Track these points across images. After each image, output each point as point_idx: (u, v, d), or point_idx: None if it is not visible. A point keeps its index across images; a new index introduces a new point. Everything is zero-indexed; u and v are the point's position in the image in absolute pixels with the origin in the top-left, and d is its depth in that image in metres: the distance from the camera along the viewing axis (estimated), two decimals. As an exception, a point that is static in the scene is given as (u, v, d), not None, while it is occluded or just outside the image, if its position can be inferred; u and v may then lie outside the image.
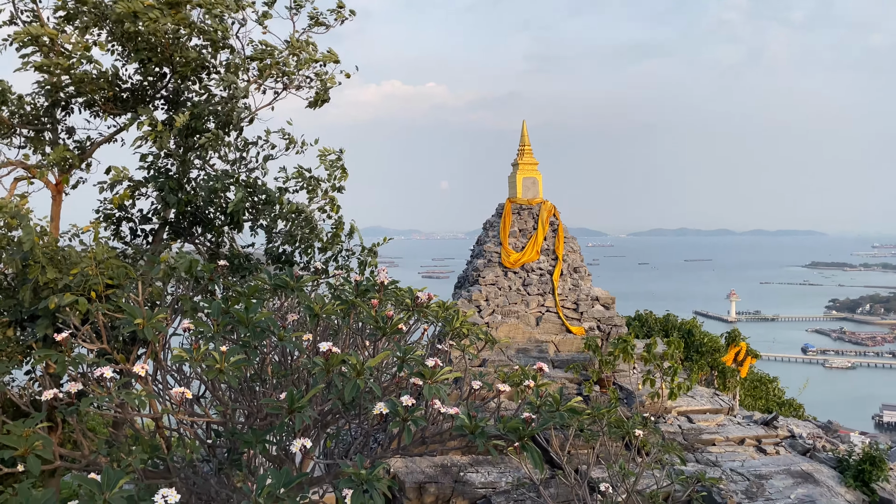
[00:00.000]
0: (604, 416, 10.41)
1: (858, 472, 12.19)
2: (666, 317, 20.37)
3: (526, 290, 15.96)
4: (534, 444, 10.74)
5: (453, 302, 7.75)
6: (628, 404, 13.62)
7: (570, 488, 9.81)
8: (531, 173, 16.80)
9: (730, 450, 13.00)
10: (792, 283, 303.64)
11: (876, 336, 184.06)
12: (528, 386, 6.95)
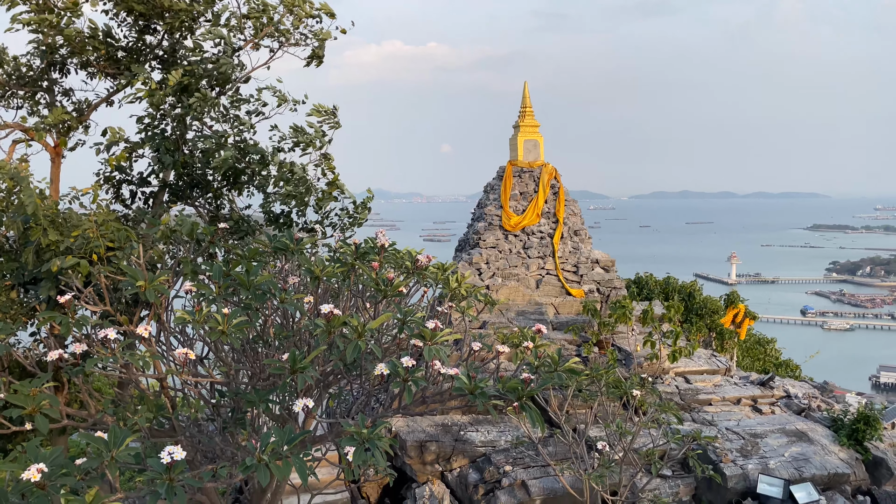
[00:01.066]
0: (602, 377, 10.53)
1: (852, 432, 12.39)
2: (666, 279, 20.46)
3: (526, 252, 16.00)
4: (533, 403, 10.86)
5: (452, 263, 7.79)
6: (626, 365, 13.78)
7: (567, 446, 10.01)
8: (532, 136, 16.68)
9: (726, 409, 13.20)
10: (793, 246, 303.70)
11: (875, 298, 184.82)
12: (527, 347, 7.03)
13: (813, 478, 11.14)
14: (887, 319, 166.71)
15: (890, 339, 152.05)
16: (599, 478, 9.07)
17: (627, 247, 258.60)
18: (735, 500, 10.82)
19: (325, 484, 9.17)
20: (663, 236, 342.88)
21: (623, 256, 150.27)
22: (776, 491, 10.54)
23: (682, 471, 11.43)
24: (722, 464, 11.10)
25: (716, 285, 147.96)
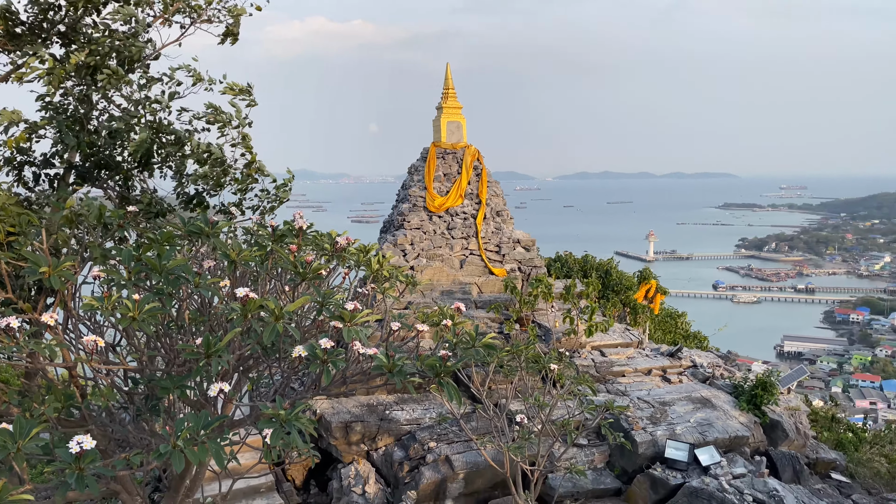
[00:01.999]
0: (522, 353, 10.89)
1: (751, 397, 13.33)
2: (584, 257, 21.18)
3: (450, 233, 16.21)
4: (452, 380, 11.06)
5: (375, 245, 7.85)
6: (546, 341, 14.27)
7: (489, 421, 10.34)
8: (455, 117, 16.82)
9: (638, 380, 13.91)
10: (706, 224, 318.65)
11: (780, 272, 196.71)
12: (446, 325, 7.21)
13: (715, 441, 11.94)
14: (790, 292, 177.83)
15: (793, 310, 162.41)
16: (519, 449, 9.43)
17: (552, 226, 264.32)
18: (645, 464, 11.48)
19: (247, 468, 9.13)
20: (586, 216, 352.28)
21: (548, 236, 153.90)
22: (682, 455, 11.25)
23: (596, 439, 12.01)
24: (633, 431, 11.74)
25: (635, 262, 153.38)
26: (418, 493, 10.85)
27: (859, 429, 17.16)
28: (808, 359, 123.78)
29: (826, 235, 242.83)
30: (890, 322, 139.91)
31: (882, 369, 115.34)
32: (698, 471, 11.16)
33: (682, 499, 10.62)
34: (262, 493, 10.49)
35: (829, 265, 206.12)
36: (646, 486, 11.07)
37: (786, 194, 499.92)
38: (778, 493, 10.59)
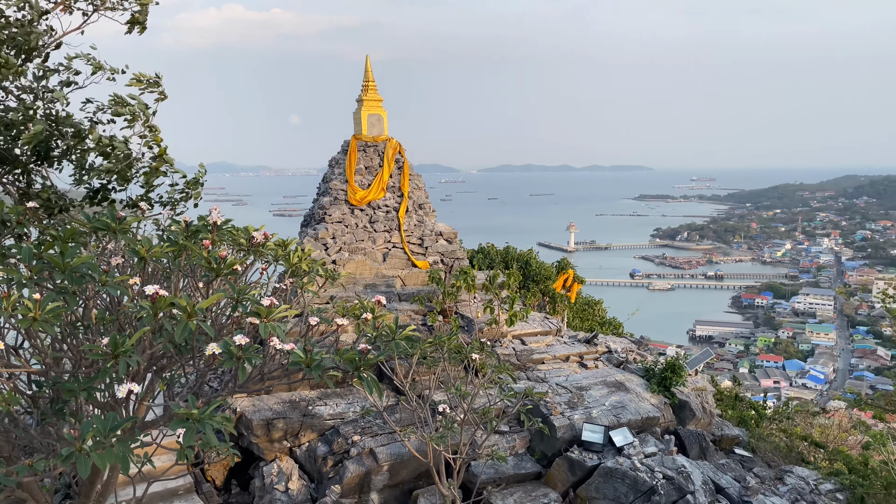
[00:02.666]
0: (445, 344, 11.05)
1: (662, 379, 14.03)
2: (506, 249, 21.60)
3: (372, 226, 16.19)
4: (377, 373, 11.14)
5: (293, 239, 7.81)
6: (468, 331, 14.52)
7: (413, 412, 10.46)
8: (376, 110, 16.78)
9: (556, 367, 14.38)
10: (623, 215, 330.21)
11: (692, 260, 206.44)
12: (366, 319, 7.25)
13: (629, 422, 12.52)
14: (701, 279, 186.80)
15: (704, 296, 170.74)
16: (441, 439, 9.60)
17: (477, 218, 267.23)
18: (564, 447, 11.91)
19: (162, 471, 8.89)
20: (510, 207, 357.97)
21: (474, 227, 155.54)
22: (598, 437, 11.74)
23: (517, 426, 12.36)
24: (552, 416, 12.15)
25: (557, 252, 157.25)
26: (342, 486, 10.86)
27: (760, 406, 18.36)
28: (718, 342, 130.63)
29: (733, 225, 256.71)
30: (791, 305, 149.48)
31: (784, 350, 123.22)
32: (613, 451, 11.68)
33: (598, 479, 11.09)
34: (181, 495, 10.24)
35: (736, 253, 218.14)
36: (564, 468, 11.49)
37: (696, 186, 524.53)
38: (685, 469, 11.23)
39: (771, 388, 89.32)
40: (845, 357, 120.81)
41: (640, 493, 10.68)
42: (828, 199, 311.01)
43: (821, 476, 12.95)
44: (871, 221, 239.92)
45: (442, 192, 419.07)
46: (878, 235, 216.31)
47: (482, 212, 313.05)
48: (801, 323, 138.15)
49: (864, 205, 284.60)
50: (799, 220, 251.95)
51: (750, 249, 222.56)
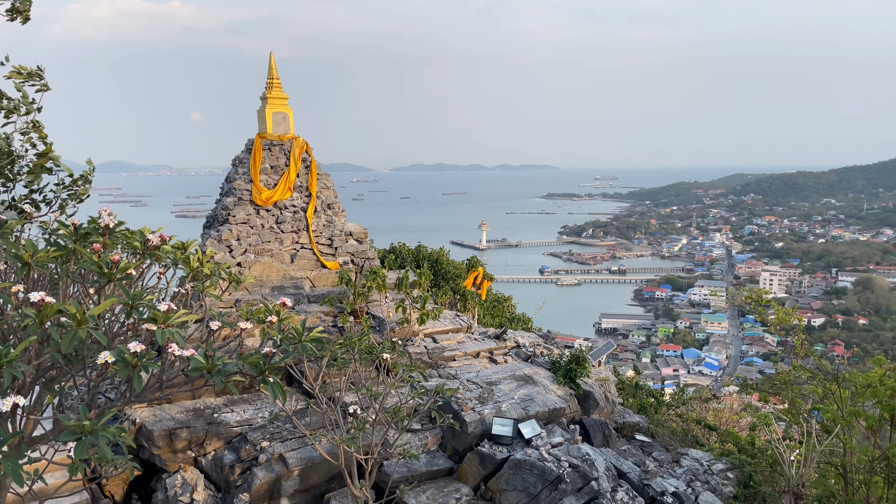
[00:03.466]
0: (355, 345, 11.00)
1: (567, 371, 14.54)
2: (418, 248, 21.72)
3: (279, 227, 15.87)
4: (281, 377, 10.95)
5: (193, 241, 7.56)
6: (380, 331, 14.51)
7: (323, 415, 10.34)
8: (281, 108, 16.44)
9: (467, 363, 14.62)
10: (532, 213, 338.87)
11: (597, 256, 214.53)
12: (271, 322, 7.11)
13: (537, 414, 12.91)
14: (606, 274, 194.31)
15: (608, 290, 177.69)
16: (353, 440, 9.55)
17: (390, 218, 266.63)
18: (475, 442, 12.13)
19: (55, 488, 8.38)
20: (422, 207, 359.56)
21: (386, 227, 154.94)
22: (507, 430, 12.04)
23: (429, 423, 12.47)
24: (463, 412, 12.34)
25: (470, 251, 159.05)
26: (251, 494, 10.60)
27: (658, 394, 19.37)
28: (623, 334, 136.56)
29: (634, 221, 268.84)
30: (688, 297, 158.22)
31: (682, 339, 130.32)
32: (522, 443, 12.01)
33: (508, 471, 11.38)
34: (76, 513, 9.68)
35: (638, 248, 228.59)
36: (475, 462, 11.71)
37: (600, 184, 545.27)
38: (590, 456, 11.71)
39: (670, 376, 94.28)
40: (737, 344, 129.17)
41: (548, 482, 11.05)
42: (719, 196, 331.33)
43: (713, 457, 13.83)
44: (758, 217, 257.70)
45: (353, 192, 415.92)
46: (763, 230, 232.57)
47: (395, 211, 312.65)
48: (697, 313, 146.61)
49: (752, 201, 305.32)
50: (693, 217, 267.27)
51: (650, 245, 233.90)
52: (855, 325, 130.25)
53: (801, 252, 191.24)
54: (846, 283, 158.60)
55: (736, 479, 12.99)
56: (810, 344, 15.89)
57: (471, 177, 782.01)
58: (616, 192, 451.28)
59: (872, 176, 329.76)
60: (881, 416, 10.71)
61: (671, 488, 11.92)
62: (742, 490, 12.62)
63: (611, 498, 11.12)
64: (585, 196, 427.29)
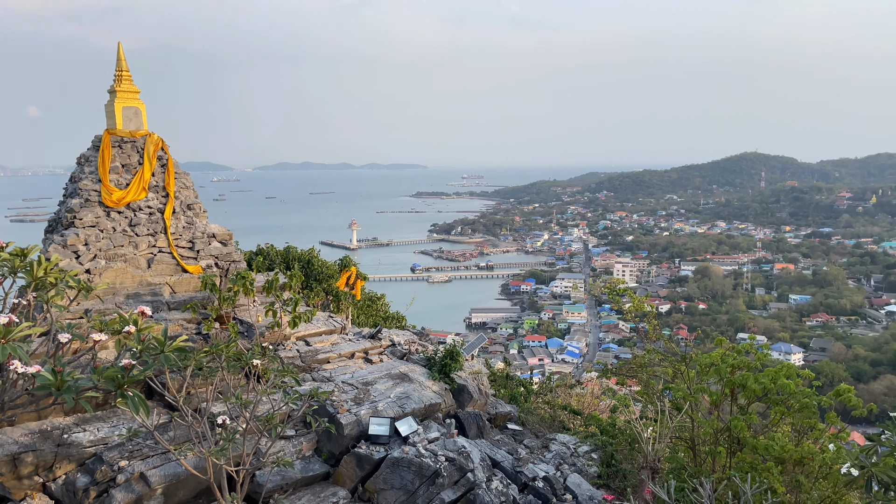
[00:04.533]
0: (222, 352, 10.49)
1: (442, 367, 14.77)
2: (287, 249, 21.11)
3: (134, 230, 14.78)
4: (141, 390, 10.29)
5: (34, 247, 6.91)
6: (249, 337, 13.95)
7: (189, 428, 9.77)
8: (132, 102, 15.32)
9: (342, 364, 14.42)
10: (402, 212, 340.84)
11: (466, 253, 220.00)
12: (129, 332, 6.63)
13: (413, 411, 13.00)
14: (475, 270, 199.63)
15: (477, 285, 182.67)
16: (221, 452, 9.10)
17: (255, 218, 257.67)
18: (351, 444, 12.00)
19: None
20: (289, 206, 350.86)
21: (251, 228, 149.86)
22: (384, 429, 12.02)
23: (304, 428, 12.17)
24: (339, 414, 12.16)
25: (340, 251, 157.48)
26: (110, 519, 9.80)
27: (528, 383, 20.19)
28: (492, 327, 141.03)
29: (500, 218, 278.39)
30: (550, 290, 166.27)
31: (546, 330, 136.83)
32: (399, 441, 12.04)
33: (386, 470, 11.36)
34: None
35: (504, 244, 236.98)
36: (352, 464, 11.58)
37: (467, 183, 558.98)
38: (466, 449, 11.97)
39: (536, 365, 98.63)
40: (595, 332, 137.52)
41: (426, 477, 11.16)
42: (576, 194, 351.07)
43: (579, 440, 14.63)
44: (611, 213, 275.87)
45: (214, 192, 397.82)
46: (616, 225, 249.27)
47: (260, 211, 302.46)
48: (559, 305, 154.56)
49: (605, 198, 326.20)
50: (554, 213, 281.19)
51: (515, 241, 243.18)
52: (696, 310, 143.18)
53: (649, 244, 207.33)
54: (687, 271, 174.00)
55: (600, 459, 13.83)
56: (660, 329, 17.22)
57: (339, 176, 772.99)
58: (483, 190, 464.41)
59: (707, 174, 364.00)
60: (723, 392, 11.83)
61: (542, 473, 12.46)
62: (605, 469, 13.46)
63: (486, 488, 11.44)
64: (454, 194, 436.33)
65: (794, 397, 11.03)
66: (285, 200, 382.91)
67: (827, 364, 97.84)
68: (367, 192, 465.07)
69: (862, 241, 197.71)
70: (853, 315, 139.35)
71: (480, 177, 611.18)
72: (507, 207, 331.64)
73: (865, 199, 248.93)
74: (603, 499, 12.17)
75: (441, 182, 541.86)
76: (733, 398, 11.84)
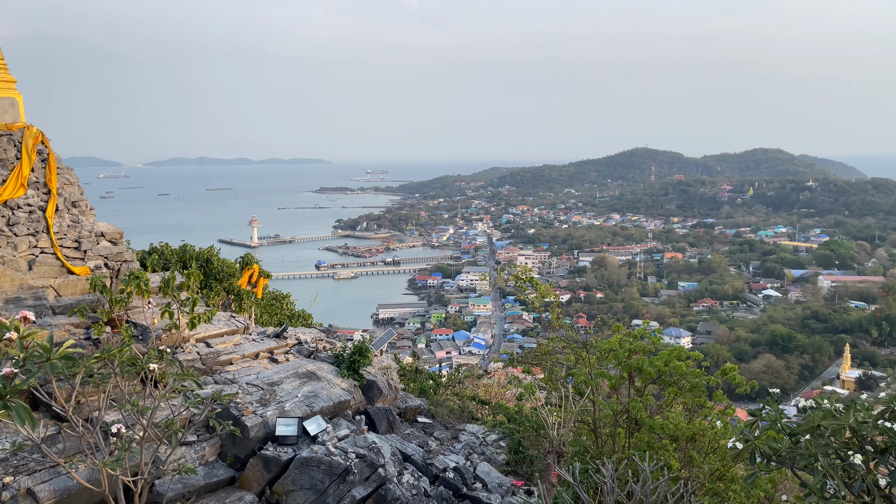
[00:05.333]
0: (115, 357, 9.92)
1: (351, 363, 14.63)
2: (183, 247, 20.19)
3: (12, 230, 13.66)
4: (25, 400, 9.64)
5: None
6: (144, 340, 13.26)
7: (80, 438, 9.18)
8: (8, 93, 14.14)
9: (246, 365, 13.99)
10: (305, 208, 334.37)
11: (372, 248, 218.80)
12: (10, 339, 6.19)
13: (322, 410, 12.81)
14: (382, 265, 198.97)
15: (384, 281, 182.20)
16: (117, 462, 8.62)
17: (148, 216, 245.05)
18: (258, 446, 11.67)
19: None
20: (185, 203, 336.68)
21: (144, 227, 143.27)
22: (291, 430, 11.78)
23: (206, 433, 11.73)
24: (243, 417, 11.80)
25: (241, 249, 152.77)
26: (-9, 542, 9.06)
27: (437, 376, 20.38)
28: (399, 322, 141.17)
29: (406, 213, 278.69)
30: (456, 283, 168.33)
31: (453, 323, 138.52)
32: (308, 441, 11.83)
33: (294, 471, 11.14)
34: None
35: (410, 239, 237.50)
36: (259, 467, 11.27)
37: (372, 178, 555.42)
38: (376, 444, 11.93)
39: (444, 358, 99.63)
40: (500, 324, 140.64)
41: (336, 475, 11.04)
42: (480, 188, 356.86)
43: (487, 429, 14.93)
44: (513, 206, 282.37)
45: (102, 189, 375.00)
46: (518, 218, 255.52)
47: (153, 209, 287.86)
48: (465, 298, 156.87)
49: (507, 192, 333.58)
50: (459, 208, 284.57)
51: (421, 235, 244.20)
52: (594, 299, 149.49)
53: (550, 237, 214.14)
54: (586, 262, 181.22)
55: (508, 447, 14.18)
56: (563, 317, 17.83)
57: (238, 171, 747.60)
58: (388, 185, 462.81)
59: (602, 168, 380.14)
60: (621, 375, 12.43)
61: (452, 464, 12.63)
62: (513, 456, 13.82)
63: (398, 482, 11.46)
64: (358, 190, 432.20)
65: (686, 378, 11.76)
66: (180, 197, 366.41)
67: (713, 346, 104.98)
68: (267, 188, 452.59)
69: (741, 230, 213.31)
70: (735, 300, 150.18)
71: (385, 172, 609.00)
72: (412, 202, 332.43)
73: (744, 191, 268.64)
74: (511, 485, 12.49)
75: (345, 177, 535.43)
76: (631, 381, 12.47)
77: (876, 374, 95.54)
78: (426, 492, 11.63)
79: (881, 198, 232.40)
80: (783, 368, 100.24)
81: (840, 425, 5.66)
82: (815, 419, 5.76)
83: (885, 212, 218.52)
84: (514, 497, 12.06)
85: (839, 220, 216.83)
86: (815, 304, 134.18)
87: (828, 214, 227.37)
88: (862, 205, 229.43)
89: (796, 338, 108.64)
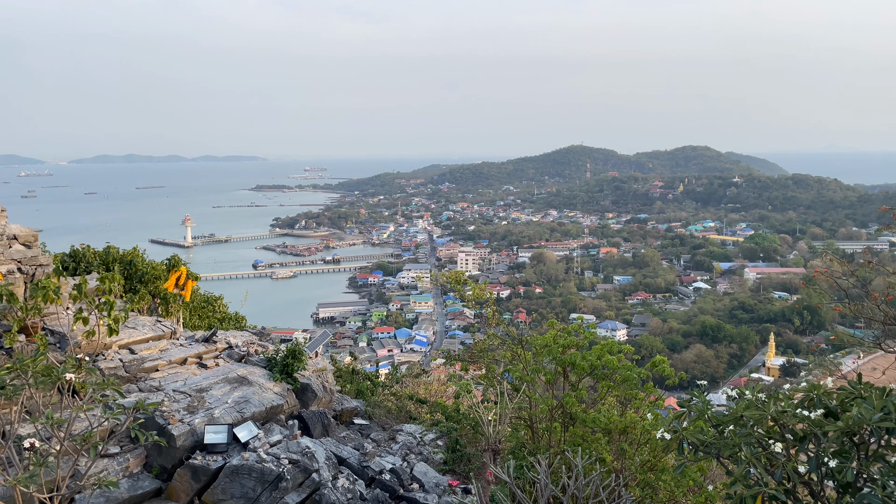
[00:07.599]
0: (29, 367, 9.35)
1: (283, 367, 14.26)
2: (106, 249, 19.26)
3: (-89, 233, 12.71)
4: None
5: None
6: (62, 348, 12.57)
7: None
8: None
9: (173, 372, 13.44)
10: (241, 206, 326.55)
11: (311, 247, 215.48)
12: None
13: (253, 415, 12.43)
14: (321, 264, 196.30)
15: (324, 280, 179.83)
16: (31, 478, 8.11)
17: (72, 216, 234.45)
18: (185, 455, 11.22)
19: None
20: (113, 203, 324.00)
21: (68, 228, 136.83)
22: (221, 437, 11.37)
23: (130, 444, 11.20)
24: (170, 425, 11.32)
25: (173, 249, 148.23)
26: None
27: (374, 376, 20.15)
28: (340, 321, 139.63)
29: (345, 211, 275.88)
30: (398, 281, 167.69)
31: (395, 321, 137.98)
32: (239, 448, 11.45)
33: (224, 479, 10.76)
34: None
35: (350, 237, 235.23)
36: (187, 477, 10.84)
37: (310, 176, 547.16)
38: (310, 449, 11.66)
39: (386, 356, 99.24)
40: (442, 320, 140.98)
41: (268, 482, 10.73)
42: (420, 185, 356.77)
43: (425, 428, 14.84)
44: (453, 203, 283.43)
45: (23, 188, 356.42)
46: (458, 215, 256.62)
47: (78, 209, 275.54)
48: (407, 295, 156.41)
49: (447, 190, 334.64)
50: (399, 205, 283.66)
51: (361, 233, 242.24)
52: (533, 294, 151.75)
53: (489, 233, 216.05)
54: (525, 258, 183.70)
55: (445, 446, 14.13)
56: (500, 314, 17.92)
57: (169, 169, 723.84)
58: (326, 183, 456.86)
59: (540, 165, 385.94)
60: (556, 370, 12.56)
61: (388, 465, 12.48)
62: (450, 455, 13.78)
63: (332, 486, 11.24)
64: (296, 187, 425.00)
65: (618, 371, 11.97)
66: (108, 196, 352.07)
67: (647, 338, 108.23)
68: (201, 186, 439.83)
69: (672, 225, 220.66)
70: (667, 292, 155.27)
71: (323, 169, 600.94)
72: (351, 200, 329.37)
73: (674, 187, 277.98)
74: (448, 485, 12.45)
75: (282, 175, 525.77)
76: (565, 376, 12.61)
77: (799, 361, 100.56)
78: (362, 495, 11.45)
79: (801, 193, 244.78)
80: (713, 358, 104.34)
81: (762, 415, 5.83)
82: (739, 410, 5.91)
83: (805, 206, 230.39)
84: (451, 497, 12.02)
85: (763, 214, 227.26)
86: (742, 295, 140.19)
87: (752, 209, 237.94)
88: (784, 200, 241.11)
89: (725, 328, 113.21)
